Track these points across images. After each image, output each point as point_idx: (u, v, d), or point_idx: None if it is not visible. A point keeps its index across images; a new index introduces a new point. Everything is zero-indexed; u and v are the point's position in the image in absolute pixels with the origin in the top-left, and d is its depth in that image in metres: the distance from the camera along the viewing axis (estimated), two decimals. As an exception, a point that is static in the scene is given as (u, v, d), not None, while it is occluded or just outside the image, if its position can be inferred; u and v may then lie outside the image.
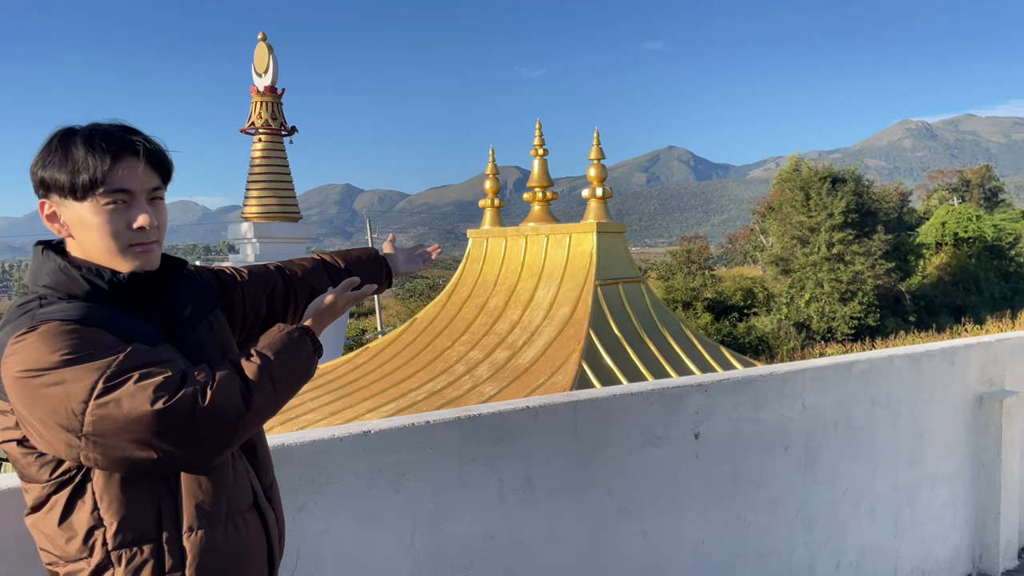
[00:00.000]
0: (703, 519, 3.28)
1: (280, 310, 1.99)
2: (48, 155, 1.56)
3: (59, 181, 1.55)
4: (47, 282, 1.55)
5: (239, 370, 1.55)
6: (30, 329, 1.45)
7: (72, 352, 1.43)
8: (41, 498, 1.53)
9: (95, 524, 1.50)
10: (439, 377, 9.00)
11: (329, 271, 2.09)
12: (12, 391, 1.45)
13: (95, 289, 1.55)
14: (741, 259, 53.04)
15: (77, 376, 1.41)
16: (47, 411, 1.42)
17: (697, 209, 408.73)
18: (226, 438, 1.52)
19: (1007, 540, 4.53)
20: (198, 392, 1.46)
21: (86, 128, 1.58)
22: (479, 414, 2.62)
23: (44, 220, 1.60)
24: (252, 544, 1.66)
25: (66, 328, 1.46)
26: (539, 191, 9.98)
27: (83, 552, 1.50)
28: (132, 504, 1.51)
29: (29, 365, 1.42)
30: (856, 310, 31.77)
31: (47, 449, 1.48)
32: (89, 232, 1.57)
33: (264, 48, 15.67)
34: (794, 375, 3.61)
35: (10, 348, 1.45)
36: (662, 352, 8.75)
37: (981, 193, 57.47)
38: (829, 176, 34.48)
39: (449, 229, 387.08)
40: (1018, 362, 4.74)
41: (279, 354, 1.61)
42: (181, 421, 1.43)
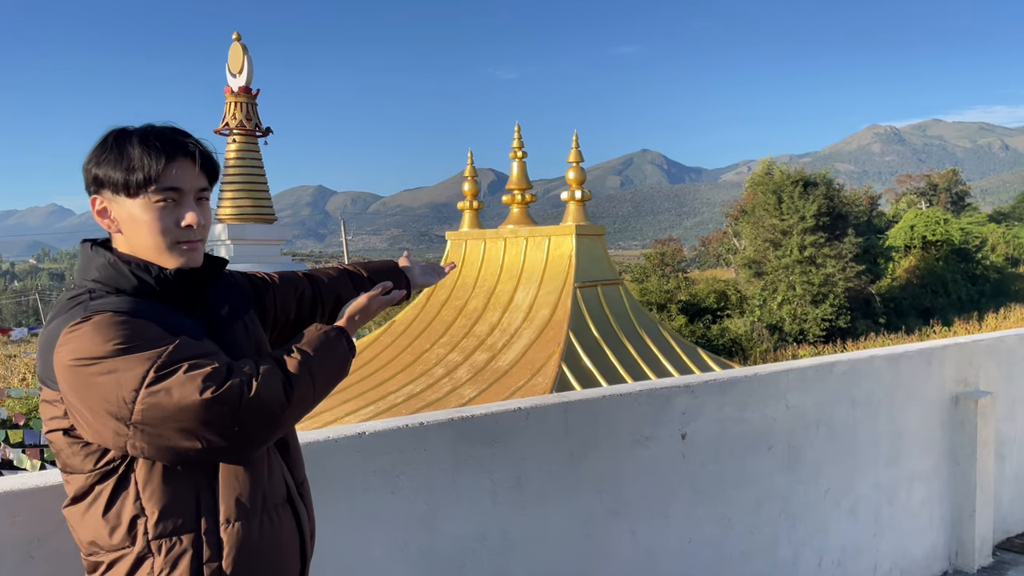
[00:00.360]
0: (690, 518, 3.31)
1: (308, 314, 2.04)
2: (103, 153, 1.62)
3: (113, 178, 1.61)
4: (96, 276, 1.60)
5: (281, 365, 1.59)
6: (83, 319, 1.50)
7: (124, 342, 1.48)
8: (84, 488, 1.57)
9: (137, 514, 1.54)
10: (418, 380, 8.98)
11: (353, 280, 2.15)
12: (64, 379, 1.49)
13: (142, 284, 1.60)
14: (714, 262, 53.52)
15: (129, 365, 1.46)
16: (98, 399, 1.46)
17: (670, 212, 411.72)
18: (268, 430, 1.57)
19: (982, 538, 4.62)
20: (244, 383, 1.50)
21: (141, 128, 1.65)
22: (472, 415, 2.63)
23: (95, 216, 1.65)
24: (286, 538, 1.71)
25: (118, 319, 1.50)
26: (518, 193, 10.01)
27: (126, 541, 1.54)
28: (173, 495, 1.55)
29: (82, 354, 1.47)
30: (827, 312, 32.20)
31: (94, 438, 1.52)
32: (139, 228, 1.62)
33: (239, 48, 15.55)
34: (777, 376, 3.66)
35: (63, 337, 1.49)
36: (641, 354, 8.81)
37: (948, 197, 58.55)
38: (801, 180, 34.93)
39: (423, 231, 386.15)
40: (992, 363, 4.84)
41: (317, 351, 1.66)
42: (227, 411, 1.48)
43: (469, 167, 10.55)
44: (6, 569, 1.85)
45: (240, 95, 15.01)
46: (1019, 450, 5.09)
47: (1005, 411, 4.94)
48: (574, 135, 9.61)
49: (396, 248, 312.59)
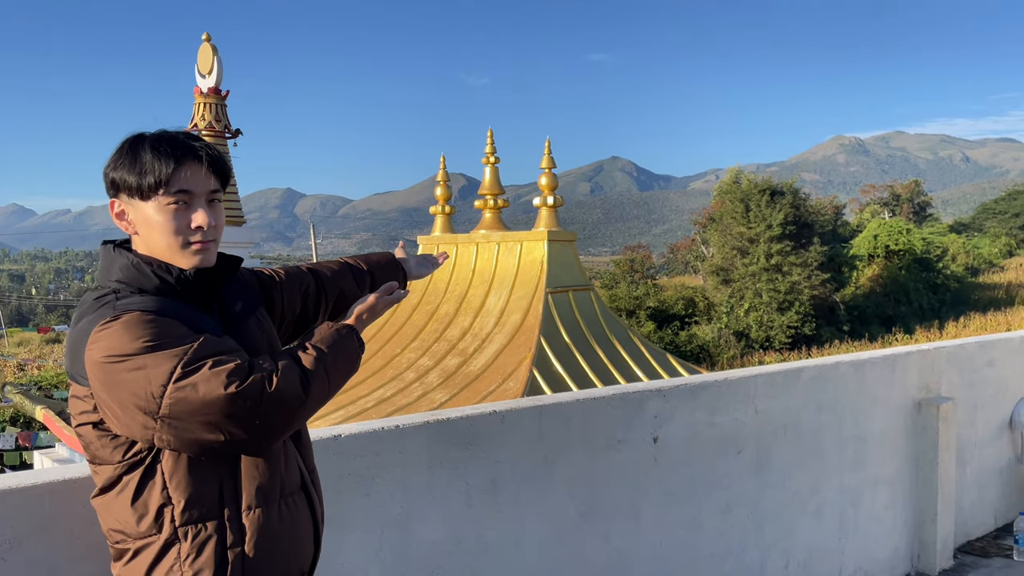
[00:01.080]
0: (661, 521, 3.35)
1: (313, 309, 2.11)
2: (119, 158, 1.70)
3: (128, 182, 1.69)
4: (119, 277, 1.67)
5: (298, 361, 1.66)
6: (113, 318, 1.56)
7: (152, 340, 1.54)
8: (112, 478, 1.64)
9: (164, 502, 1.61)
10: (389, 384, 8.96)
11: (354, 273, 2.22)
12: (95, 375, 1.56)
13: (164, 284, 1.67)
14: (682, 269, 53.99)
15: (157, 362, 1.53)
16: (128, 394, 1.53)
17: (640, 219, 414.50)
18: (286, 423, 1.64)
19: (943, 540, 4.73)
20: (265, 379, 1.57)
21: (154, 134, 1.72)
22: (447, 418, 2.64)
23: (114, 218, 1.73)
24: (302, 523, 1.79)
25: (146, 318, 1.57)
26: (490, 199, 10.04)
27: (153, 529, 1.61)
28: (198, 484, 1.62)
29: (113, 351, 1.54)
30: (793, 319, 32.66)
31: (122, 431, 1.59)
32: (152, 229, 1.70)
33: (208, 49, 15.38)
34: (747, 381, 3.72)
35: (94, 335, 1.56)
36: (611, 359, 8.87)
37: (911, 207, 59.73)
38: (768, 189, 35.41)
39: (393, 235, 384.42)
40: (953, 370, 4.96)
41: (331, 348, 1.73)
42: (250, 405, 1.55)
43: (442, 171, 10.55)
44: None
45: (210, 96, 14.82)
46: (979, 455, 5.22)
47: (966, 417, 5.06)
48: (547, 141, 9.66)
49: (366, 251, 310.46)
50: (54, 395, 10.05)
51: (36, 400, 9.70)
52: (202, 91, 14.94)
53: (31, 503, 1.90)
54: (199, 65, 15.22)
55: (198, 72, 15.22)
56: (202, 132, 14.72)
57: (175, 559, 1.60)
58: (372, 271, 2.25)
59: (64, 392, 9.36)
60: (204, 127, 14.74)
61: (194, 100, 15.09)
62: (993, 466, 5.37)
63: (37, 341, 39.42)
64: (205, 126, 14.74)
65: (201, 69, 15.12)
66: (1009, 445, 5.50)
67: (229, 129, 15.17)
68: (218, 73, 15.04)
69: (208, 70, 15.03)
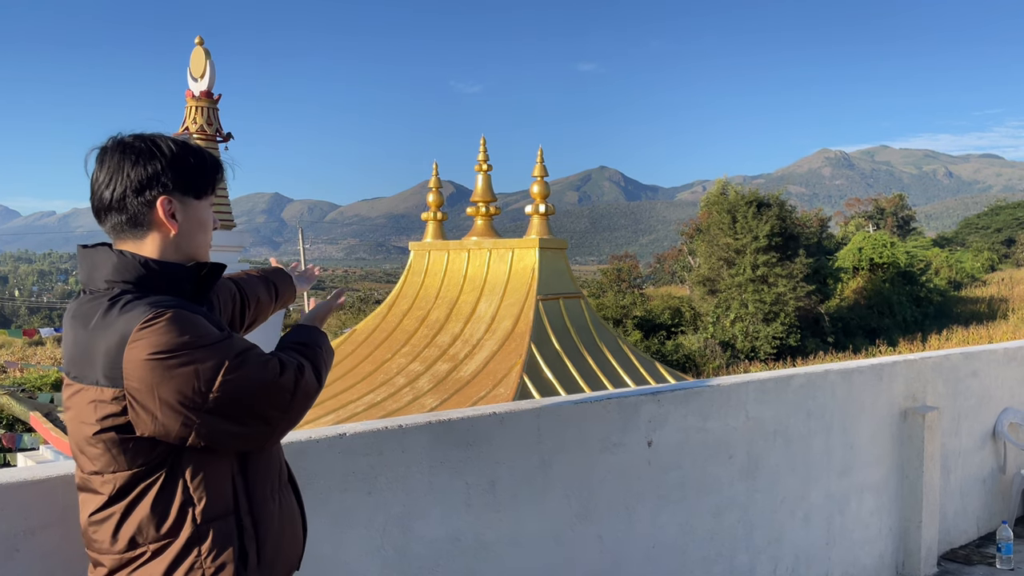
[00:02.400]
0: (654, 523, 3.41)
1: (239, 317, 2.21)
2: (178, 157, 1.75)
3: (191, 181, 1.76)
4: (127, 277, 1.69)
5: (308, 356, 1.80)
6: (157, 316, 1.58)
7: (198, 335, 1.59)
8: (126, 486, 1.63)
9: (185, 501, 1.64)
10: (379, 389, 8.98)
11: (263, 283, 2.34)
12: (138, 374, 1.56)
13: (173, 285, 1.72)
14: (669, 279, 54.20)
15: (207, 356, 1.58)
16: (173, 390, 1.56)
17: (627, 229, 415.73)
18: (305, 412, 1.75)
19: (928, 547, 4.81)
20: (297, 371, 1.70)
21: (184, 138, 1.87)
22: (449, 419, 2.69)
23: (162, 216, 1.73)
24: (294, 513, 1.89)
25: (186, 315, 1.61)
26: (482, 206, 10.09)
27: (173, 530, 1.63)
28: (216, 482, 1.67)
29: (161, 347, 1.55)
30: (778, 330, 32.86)
31: (154, 430, 1.59)
32: (200, 228, 1.80)
33: (201, 52, 15.37)
34: (739, 387, 3.79)
35: (136, 334, 1.56)
36: (600, 367, 8.93)
37: (895, 221, 60.28)
38: (755, 200, 35.66)
39: (380, 242, 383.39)
40: (939, 379, 5.06)
41: (325, 347, 1.91)
42: (289, 395, 1.66)
43: (434, 178, 10.60)
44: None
45: (201, 99, 14.80)
46: (963, 464, 5.31)
47: (950, 426, 5.16)
48: (539, 149, 9.73)
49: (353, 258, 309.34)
50: (38, 397, 9.99)
51: (23, 402, 9.64)
52: (194, 95, 14.95)
53: (45, 495, 1.93)
54: (191, 68, 15.21)
55: (190, 75, 15.22)
56: (194, 135, 14.71)
57: (196, 557, 1.63)
58: (272, 280, 2.39)
59: (48, 395, 9.29)
60: (196, 131, 14.73)
61: (186, 103, 15.11)
62: (976, 475, 5.46)
63: (20, 343, 39.03)
64: (196, 129, 14.73)
65: (193, 72, 15.12)
66: (992, 455, 5.60)
67: (221, 133, 15.15)
68: (210, 77, 15.04)
69: (200, 74, 15.03)
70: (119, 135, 1.77)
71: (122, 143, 1.74)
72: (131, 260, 1.69)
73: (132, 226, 1.73)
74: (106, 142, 1.76)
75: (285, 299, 2.44)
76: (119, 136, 1.76)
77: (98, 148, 1.76)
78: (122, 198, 1.72)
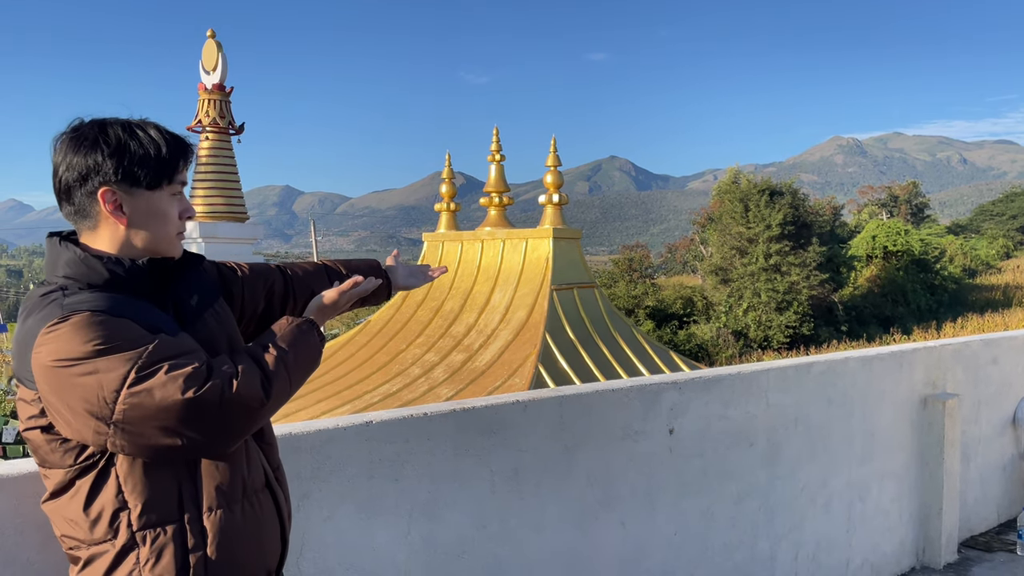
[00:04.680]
0: (676, 511, 3.42)
1: (279, 308, 2.03)
2: (119, 145, 1.60)
3: (135, 171, 1.61)
4: (66, 272, 1.58)
5: (258, 361, 1.62)
6: (62, 319, 1.48)
7: (104, 342, 1.47)
8: (64, 483, 1.57)
9: (119, 507, 1.54)
10: (394, 379, 9.02)
11: (331, 276, 2.13)
12: (43, 380, 1.49)
13: (114, 278, 1.59)
14: (680, 268, 54.08)
15: (110, 366, 1.46)
16: (78, 399, 1.46)
17: (638, 219, 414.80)
18: (246, 426, 1.60)
19: (948, 535, 4.80)
20: (225, 383, 1.52)
21: (141, 121, 1.66)
22: (473, 407, 2.71)
23: (106, 209, 1.61)
24: (266, 522, 1.74)
25: (97, 319, 1.49)
26: (495, 196, 10.09)
27: (108, 534, 1.55)
28: (155, 487, 1.56)
29: (62, 355, 1.46)
30: (791, 319, 32.74)
31: (74, 436, 1.52)
32: (156, 220, 1.65)
33: (213, 45, 15.44)
34: (759, 375, 3.79)
35: (42, 338, 1.48)
36: (615, 356, 8.94)
37: (908, 209, 59.87)
38: (767, 189, 35.48)
39: (391, 234, 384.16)
40: (959, 366, 5.03)
41: (292, 346, 1.69)
42: (209, 410, 1.50)
43: (447, 169, 10.61)
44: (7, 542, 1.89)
45: (214, 92, 14.89)
46: (983, 451, 5.29)
47: (970, 413, 5.13)
48: (552, 140, 9.72)
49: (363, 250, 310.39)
50: None
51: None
52: (206, 87, 15.01)
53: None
54: (204, 61, 15.28)
55: (203, 68, 15.29)
56: (206, 128, 14.77)
57: (133, 565, 1.54)
58: (351, 275, 2.10)
59: None
60: (208, 123, 14.79)
61: (198, 96, 15.16)
62: (996, 462, 5.44)
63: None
64: (209, 122, 14.80)
65: (206, 65, 15.19)
66: (1012, 442, 5.58)
67: (233, 125, 15.23)
68: (222, 70, 15.12)
69: (213, 66, 15.10)
70: (77, 120, 1.65)
71: (75, 129, 1.62)
72: (71, 255, 1.59)
73: (81, 218, 1.63)
74: (68, 125, 1.65)
75: (375, 295, 2.15)
76: (77, 121, 1.64)
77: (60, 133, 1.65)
78: (68, 189, 1.61)
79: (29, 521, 1.86)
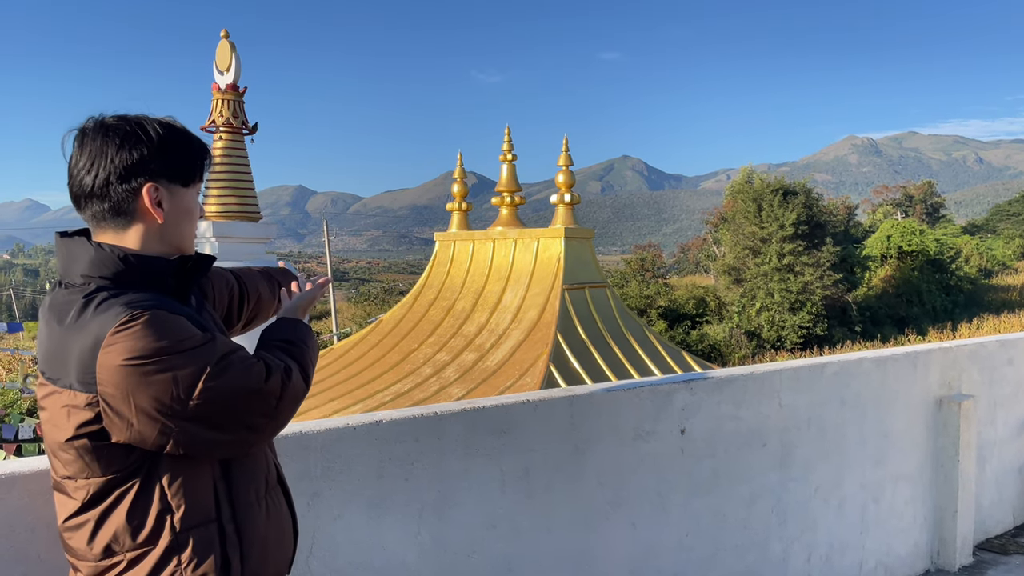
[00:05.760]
0: (687, 512, 3.40)
1: (237, 311, 2.07)
2: (163, 141, 1.62)
3: (178, 168, 1.64)
4: (103, 272, 1.57)
5: (292, 355, 1.71)
6: (132, 318, 1.47)
7: (177, 339, 1.49)
8: (100, 492, 1.54)
9: (163, 508, 1.55)
10: (406, 379, 9.02)
11: (266, 279, 2.17)
12: (113, 380, 1.47)
13: (153, 276, 1.60)
14: (693, 268, 53.91)
15: (186, 362, 1.49)
16: (149, 398, 1.47)
17: (650, 218, 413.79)
18: (292, 415, 1.68)
19: (963, 538, 4.75)
20: (283, 375, 1.61)
21: (169, 120, 1.68)
22: (483, 407, 2.70)
23: (149, 205, 1.61)
24: (284, 517, 1.79)
25: (164, 316, 1.51)
26: (507, 196, 10.08)
27: (150, 538, 1.55)
28: (196, 487, 1.59)
29: (136, 353, 1.46)
30: (805, 319, 32.56)
31: (130, 437, 1.51)
32: (187, 218, 1.68)
33: (227, 46, 15.46)
34: (772, 375, 3.76)
35: (111, 338, 1.46)
36: (627, 356, 8.91)
37: (923, 208, 59.42)
38: (780, 188, 35.30)
39: (403, 233, 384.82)
40: (974, 367, 4.98)
41: (310, 342, 1.81)
42: (273, 401, 1.59)
43: (459, 168, 10.60)
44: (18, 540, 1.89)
45: (228, 92, 14.90)
46: (999, 453, 5.24)
47: (986, 415, 5.08)
48: (564, 139, 9.70)
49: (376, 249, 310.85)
50: None
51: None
52: (220, 88, 15.06)
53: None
54: (217, 61, 15.32)
55: (216, 68, 15.34)
56: (220, 128, 14.83)
57: (176, 566, 1.55)
58: (276, 278, 2.20)
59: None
60: (222, 123, 14.85)
61: (212, 96, 15.22)
62: (1012, 465, 5.39)
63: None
64: (223, 122, 14.85)
65: (219, 66, 15.23)
66: (1028, 444, 5.51)
67: (246, 125, 15.26)
68: (236, 70, 15.13)
69: (226, 67, 15.13)
70: (100, 116, 1.63)
71: (104, 125, 1.60)
72: (109, 254, 1.57)
73: (115, 215, 1.61)
74: (85, 123, 1.62)
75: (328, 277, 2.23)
76: (100, 117, 1.62)
77: (76, 130, 1.62)
78: (105, 185, 1.58)
79: (40, 518, 1.87)
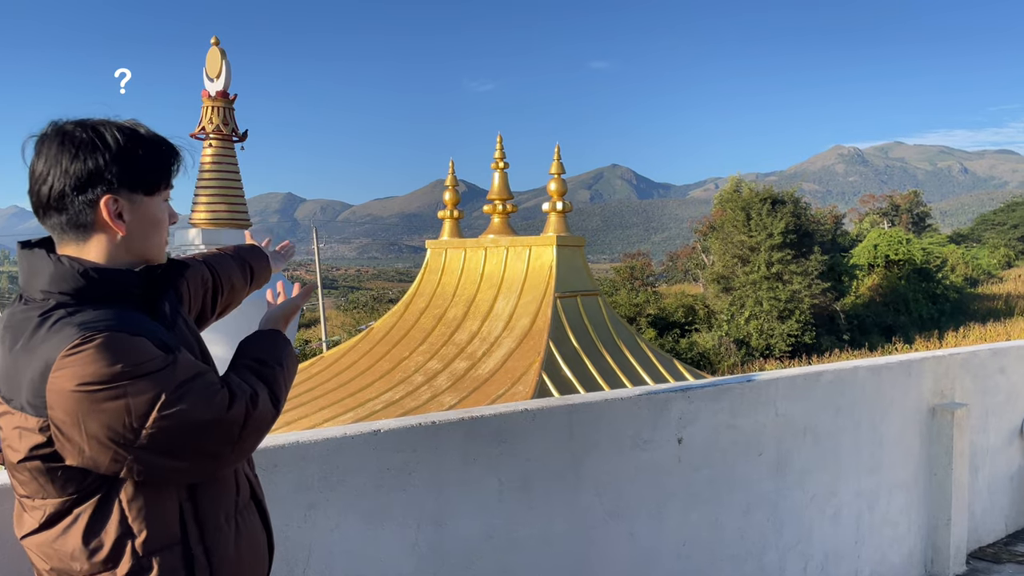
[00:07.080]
0: (684, 521, 3.38)
1: (211, 304, 2.01)
2: (119, 149, 1.53)
3: (139, 177, 1.55)
4: (62, 287, 1.48)
5: (262, 377, 1.62)
6: (84, 340, 1.39)
7: (131, 364, 1.40)
8: (58, 512, 1.49)
9: (123, 533, 1.48)
10: (397, 387, 8.98)
11: (238, 265, 2.14)
12: (63, 406, 1.40)
13: (115, 291, 1.52)
14: (682, 277, 54.02)
15: (140, 389, 1.40)
16: (100, 425, 1.39)
17: (639, 227, 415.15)
18: (259, 441, 1.60)
19: (957, 546, 4.75)
20: (248, 402, 1.52)
21: (132, 124, 1.58)
22: (481, 415, 2.68)
23: (107, 217, 1.53)
24: (257, 534, 1.73)
25: (119, 338, 1.41)
26: (499, 203, 10.08)
27: (108, 563, 1.48)
28: (159, 510, 1.51)
29: (87, 379, 1.38)
30: (793, 328, 32.70)
31: (84, 463, 1.44)
32: (153, 227, 1.60)
33: (217, 52, 15.42)
34: (768, 384, 3.75)
35: (61, 362, 1.38)
36: (619, 364, 8.90)
37: (910, 218, 59.87)
38: (769, 197, 35.49)
39: (393, 241, 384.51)
40: (967, 376, 4.99)
41: (287, 360, 1.73)
42: (237, 429, 1.50)
43: (450, 176, 10.60)
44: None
45: (218, 99, 14.86)
46: (992, 461, 5.25)
47: (979, 423, 5.09)
48: (556, 147, 9.71)
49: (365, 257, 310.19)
50: None
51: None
52: (210, 95, 15.01)
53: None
54: (207, 69, 15.28)
55: (206, 76, 15.29)
56: (210, 135, 14.77)
57: None
58: (247, 260, 2.18)
59: None
60: (212, 130, 14.79)
61: (202, 103, 15.17)
62: (1004, 472, 5.40)
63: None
64: (213, 129, 14.79)
65: (209, 73, 15.19)
66: (1020, 452, 5.53)
67: (236, 132, 15.21)
68: (226, 77, 15.09)
69: (216, 74, 15.08)
70: (59, 121, 1.53)
71: (61, 131, 1.51)
72: (69, 268, 1.48)
73: (73, 227, 1.52)
74: (45, 128, 1.53)
75: (260, 280, 2.23)
76: (59, 122, 1.53)
77: (36, 136, 1.53)
78: (60, 196, 1.50)
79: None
